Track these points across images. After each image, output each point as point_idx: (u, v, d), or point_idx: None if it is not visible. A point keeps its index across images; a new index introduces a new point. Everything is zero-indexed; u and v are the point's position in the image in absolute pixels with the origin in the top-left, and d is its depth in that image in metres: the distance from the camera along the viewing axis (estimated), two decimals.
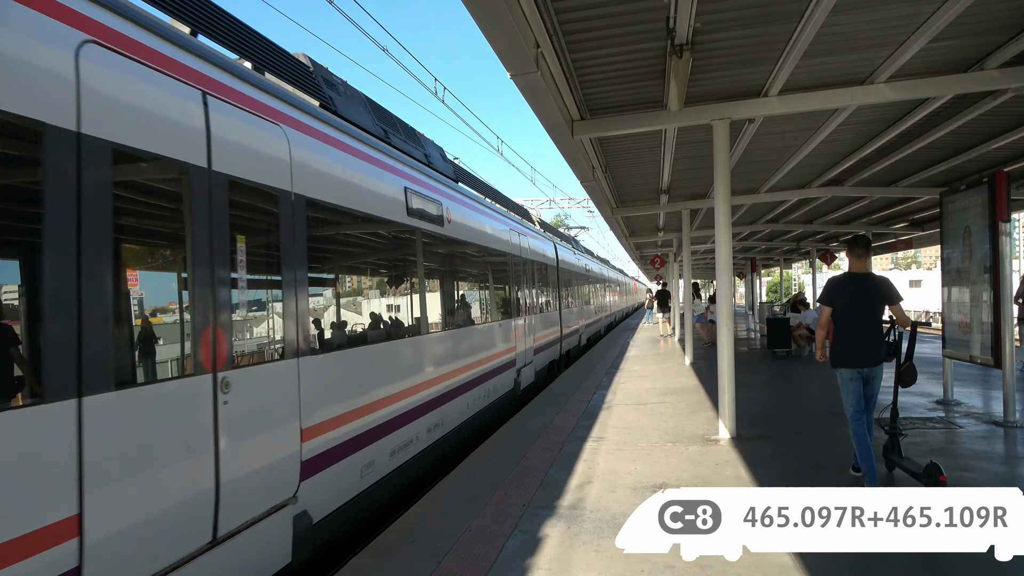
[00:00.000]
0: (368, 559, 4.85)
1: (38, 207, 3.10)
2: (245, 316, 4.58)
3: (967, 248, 8.75)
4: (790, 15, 6.00)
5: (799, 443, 7.76)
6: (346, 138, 6.24)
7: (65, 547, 3.03)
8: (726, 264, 8.37)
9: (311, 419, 5.01)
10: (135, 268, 4.01)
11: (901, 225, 19.94)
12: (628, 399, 11.31)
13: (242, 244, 4.47)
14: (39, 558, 2.91)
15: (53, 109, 3.13)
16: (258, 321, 4.91)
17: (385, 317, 7.17)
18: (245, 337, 4.74)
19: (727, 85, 7.81)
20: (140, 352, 3.85)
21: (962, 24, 6.20)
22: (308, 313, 5.21)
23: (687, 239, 17.25)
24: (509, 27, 5.19)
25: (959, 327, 9.06)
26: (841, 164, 12.15)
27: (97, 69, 3.40)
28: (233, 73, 4.66)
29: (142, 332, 3.88)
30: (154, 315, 4.09)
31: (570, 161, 9.91)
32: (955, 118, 8.97)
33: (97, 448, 3.20)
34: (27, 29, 3.07)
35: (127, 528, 3.36)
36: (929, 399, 10.21)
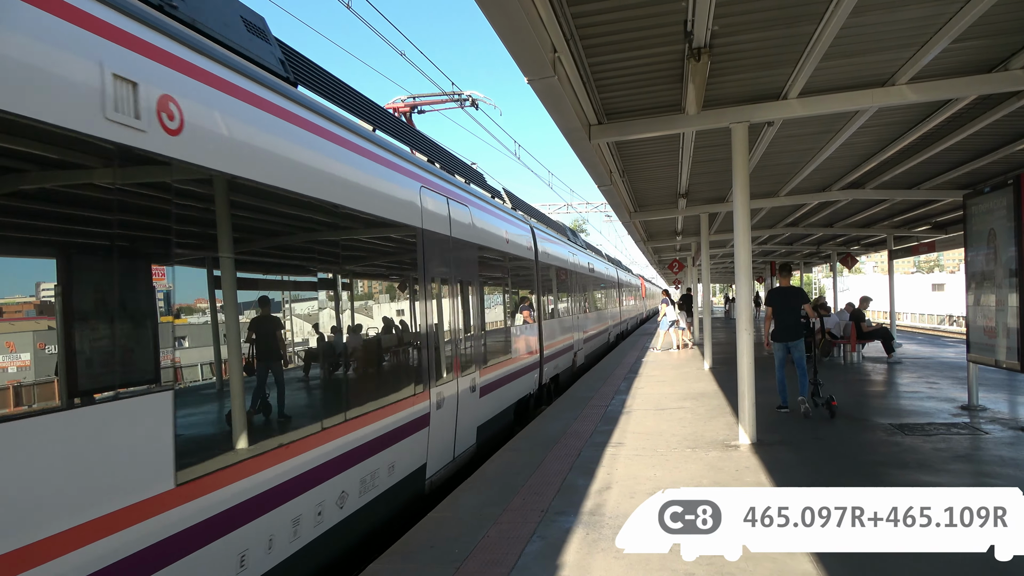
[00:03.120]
0: (386, 564, 4.85)
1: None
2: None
3: (992, 251, 8.61)
4: (810, 17, 5.95)
5: (820, 448, 7.66)
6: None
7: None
8: (745, 268, 8.30)
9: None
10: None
11: (923, 228, 19.70)
12: (647, 404, 11.24)
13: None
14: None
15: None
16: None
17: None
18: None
19: (746, 88, 7.76)
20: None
21: (986, 24, 6.12)
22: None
23: (706, 243, 17.15)
24: (526, 32, 5.19)
25: (984, 331, 8.91)
26: (862, 167, 12.03)
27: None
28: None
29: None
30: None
31: (587, 165, 9.90)
32: (978, 119, 8.86)
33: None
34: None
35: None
36: (953, 404, 10.05)
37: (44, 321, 3.09)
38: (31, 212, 3.09)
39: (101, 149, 3.14)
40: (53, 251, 3.19)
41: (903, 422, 8.90)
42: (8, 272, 3.02)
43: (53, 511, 2.79)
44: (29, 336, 3.11)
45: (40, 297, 3.11)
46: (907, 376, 13.57)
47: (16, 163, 2.97)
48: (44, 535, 2.73)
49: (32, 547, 2.68)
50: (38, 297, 3.12)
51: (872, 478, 6.42)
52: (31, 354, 3.13)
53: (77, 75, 3.03)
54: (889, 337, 16.38)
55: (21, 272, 3.13)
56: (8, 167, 2.93)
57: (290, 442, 4.47)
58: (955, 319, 45.47)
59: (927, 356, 17.56)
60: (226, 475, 3.84)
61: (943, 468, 6.67)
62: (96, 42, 3.17)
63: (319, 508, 4.78)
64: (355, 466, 5.27)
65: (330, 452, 4.91)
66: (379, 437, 5.69)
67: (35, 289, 3.13)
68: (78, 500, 2.92)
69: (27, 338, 3.12)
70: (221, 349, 4.09)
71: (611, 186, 11.49)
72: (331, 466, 4.92)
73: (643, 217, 16.60)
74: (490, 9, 4.87)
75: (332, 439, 4.96)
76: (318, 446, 4.76)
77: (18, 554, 2.62)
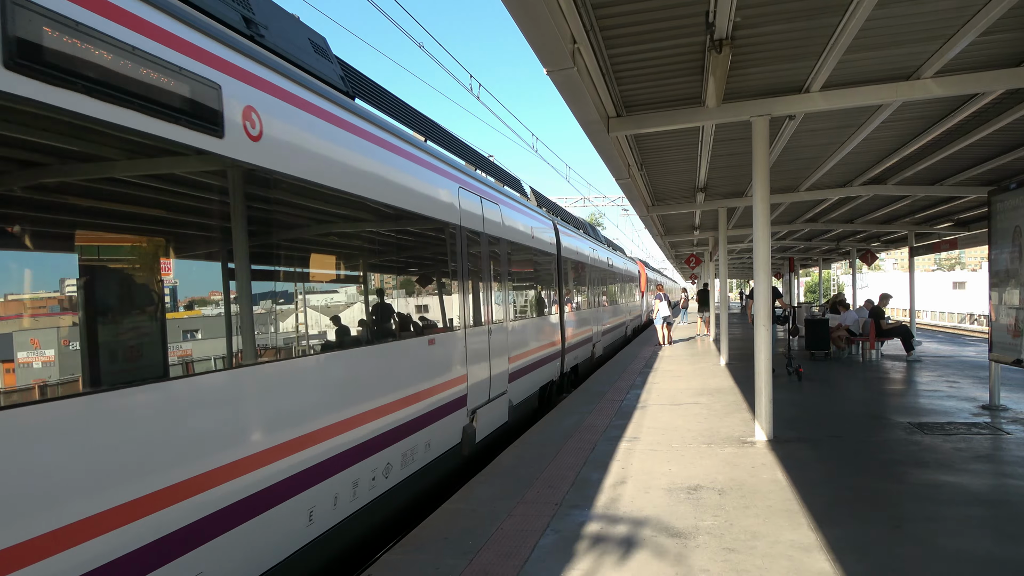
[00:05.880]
0: (399, 555, 4.86)
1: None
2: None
3: (1016, 249, 8.47)
4: (834, 8, 5.86)
5: (838, 446, 7.59)
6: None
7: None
8: (764, 263, 8.22)
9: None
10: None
11: (946, 225, 19.42)
12: (662, 399, 11.20)
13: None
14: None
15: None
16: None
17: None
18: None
19: (767, 81, 7.66)
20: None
21: (1015, 16, 6.00)
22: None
23: (723, 238, 17.02)
24: (546, 23, 5.16)
25: (1007, 330, 8.78)
26: (884, 162, 11.87)
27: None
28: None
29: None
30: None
31: (605, 158, 9.84)
32: (1005, 114, 8.70)
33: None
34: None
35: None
36: (974, 404, 9.92)
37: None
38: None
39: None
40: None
41: (922, 421, 8.80)
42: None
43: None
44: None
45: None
46: (927, 374, 13.41)
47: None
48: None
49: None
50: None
51: (891, 477, 6.36)
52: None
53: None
54: (909, 335, 16.18)
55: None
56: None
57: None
58: (976, 317, 44.95)
59: (947, 355, 17.35)
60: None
61: (963, 468, 6.58)
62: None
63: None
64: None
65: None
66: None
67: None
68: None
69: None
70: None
71: (629, 179, 11.41)
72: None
73: (661, 211, 16.48)
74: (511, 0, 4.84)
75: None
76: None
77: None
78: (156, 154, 3.50)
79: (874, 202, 16.54)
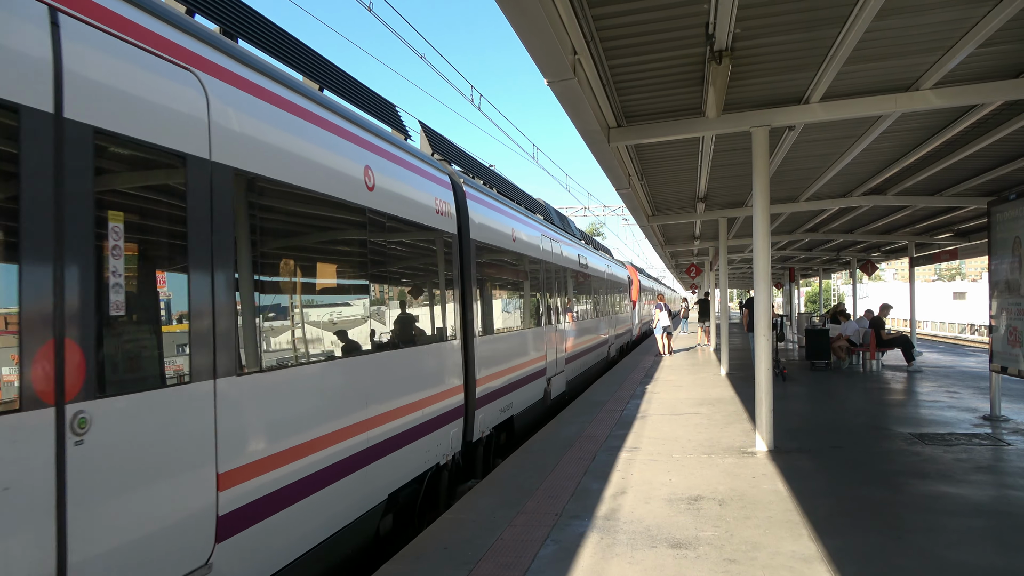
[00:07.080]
0: (400, 565, 4.84)
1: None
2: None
3: (1016, 259, 8.48)
4: (833, 20, 5.89)
5: (839, 457, 7.57)
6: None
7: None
8: (764, 274, 8.23)
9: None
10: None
11: (946, 235, 19.45)
12: (662, 409, 11.18)
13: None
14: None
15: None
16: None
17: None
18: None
19: (767, 92, 7.70)
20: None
21: (1014, 28, 6.03)
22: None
23: (724, 248, 17.03)
24: (547, 34, 5.18)
25: (1008, 341, 8.78)
26: (884, 172, 11.90)
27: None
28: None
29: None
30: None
31: (606, 168, 9.87)
32: (1004, 125, 8.73)
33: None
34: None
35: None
36: (975, 414, 9.90)
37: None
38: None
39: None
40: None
41: (923, 431, 8.78)
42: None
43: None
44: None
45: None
46: (927, 385, 13.39)
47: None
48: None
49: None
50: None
51: (891, 488, 6.34)
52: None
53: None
54: (909, 345, 16.17)
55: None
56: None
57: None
58: (977, 328, 44.95)
59: (948, 365, 17.33)
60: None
61: (964, 479, 6.56)
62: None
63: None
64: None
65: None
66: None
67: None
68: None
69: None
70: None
71: (629, 189, 11.44)
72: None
73: (661, 221, 16.52)
74: (510, 9, 4.86)
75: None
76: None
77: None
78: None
79: (874, 212, 16.57)
